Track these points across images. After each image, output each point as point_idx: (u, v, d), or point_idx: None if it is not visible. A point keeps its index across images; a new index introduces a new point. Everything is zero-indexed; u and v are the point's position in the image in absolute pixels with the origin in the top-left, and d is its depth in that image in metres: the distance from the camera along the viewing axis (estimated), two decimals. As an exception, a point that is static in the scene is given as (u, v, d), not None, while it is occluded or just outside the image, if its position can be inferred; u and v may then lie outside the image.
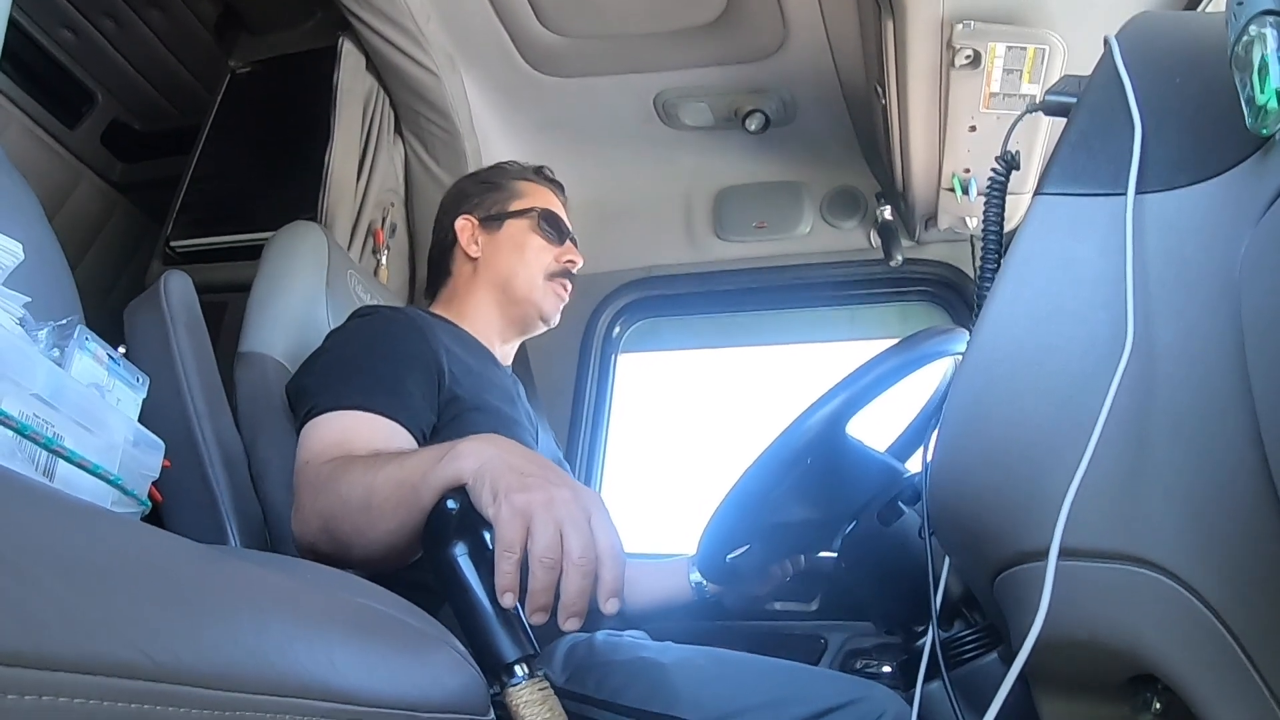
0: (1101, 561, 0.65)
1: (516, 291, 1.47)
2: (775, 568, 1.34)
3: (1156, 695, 0.71)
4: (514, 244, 1.49)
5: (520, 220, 1.51)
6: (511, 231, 1.51)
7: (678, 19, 1.78)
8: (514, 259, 1.48)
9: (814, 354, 2.21)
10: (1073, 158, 0.70)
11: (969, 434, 0.75)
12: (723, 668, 1.14)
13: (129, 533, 0.50)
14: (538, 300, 1.47)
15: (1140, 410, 0.62)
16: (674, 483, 2.19)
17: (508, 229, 1.51)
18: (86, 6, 2.46)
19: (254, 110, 2.15)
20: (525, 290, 1.47)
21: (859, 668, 1.52)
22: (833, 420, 1.01)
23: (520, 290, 1.47)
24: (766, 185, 2.15)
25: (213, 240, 1.98)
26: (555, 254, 1.50)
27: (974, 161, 1.56)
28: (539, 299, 1.47)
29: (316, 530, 0.96)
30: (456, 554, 0.80)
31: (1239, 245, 0.57)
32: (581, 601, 0.76)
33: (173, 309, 1.11)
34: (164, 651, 0.40)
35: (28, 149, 2.53)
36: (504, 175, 1.59)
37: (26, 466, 0.63)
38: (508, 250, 1.49)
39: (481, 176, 1.63)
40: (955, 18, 1.31)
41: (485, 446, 0.85)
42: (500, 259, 1.49)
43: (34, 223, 1.04)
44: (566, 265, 1.50)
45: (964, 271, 1.97)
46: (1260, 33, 0.53)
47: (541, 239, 1.50)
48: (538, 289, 1.47)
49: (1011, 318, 0.71)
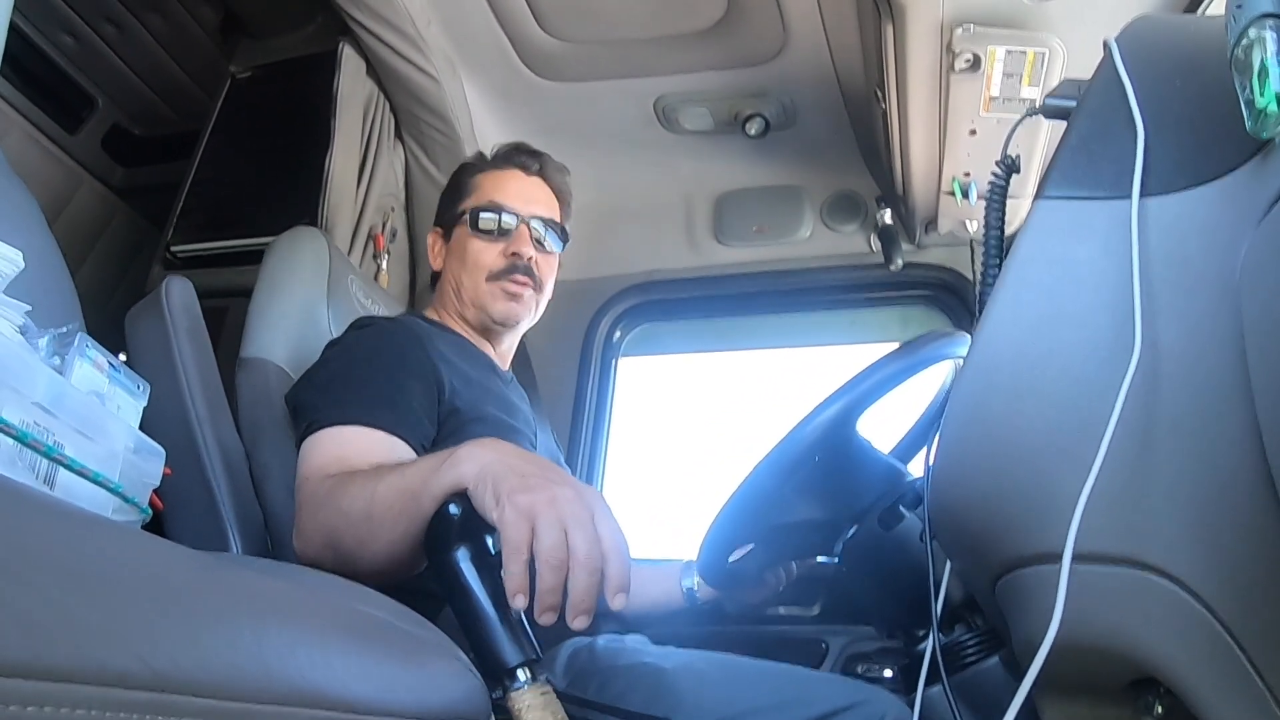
0: (1104, 566, 0.65)
1: (465, 299, 1.43)
2: (771, 575, 1.33)
3: (1158, 698, 0.71)
4: (458, 251, 1.45)
5: (461, 225, 1.47)
6: (457, 237, 1.47)
7: (678, 23, 1.78)
8: (458, 267, 1.44)
9: (814, 358, 2.21)
10: (1073, 161, 0.70)
11: (970, 438, 0.75)
12: (724, 672, 1.14)
13: (129, 541, 0.50)
14: (484, 305, 1.42)
15: (1143, 413, 0.62)
16: (674, 487, 2.18)
17: (455, 236, 1.48)
18: (87, 11, 2.47)
19: (254, 115, 2.15)
20: (470, 296, 1.43)
21: (860, 672, 1.52)
22: (839, 420, 1.01)
23: (467, 297, 1.43)
24: (766, 189, 2.15)
25: (214, 245, 1.98)
26: (499, 250, 1.42)
27: (974, 165, 1.56)
28: (485, 303, 1.42)
29: (320, 546, 0.96)
30: (459, 559, 0.80)
31: (1240, 248, 0.57)
32: (590, 599, 0.75)
33: (174, 314, 1.12)
34: (164, 660, 0.40)
35: (28, 154, 2.54)
36: (463, 174, 1.54)
37: (27, 475, 0.63)
38: (455, 258, 1.46)
39: (450, 181, 1.58)
40: (955, 21, 1.31)
41: (484, 451, 0.85)
42: (450, 268, 1.46)
43: (35, 228, 1.05)
44: (511, 259, 1.41)
45: (964, 275, 1.97)
46: (1260, 36, 0.53)
47: (479, 240, 1.43)
48: (481, 293, 1.42)
49: (1012, 322, 0.71)
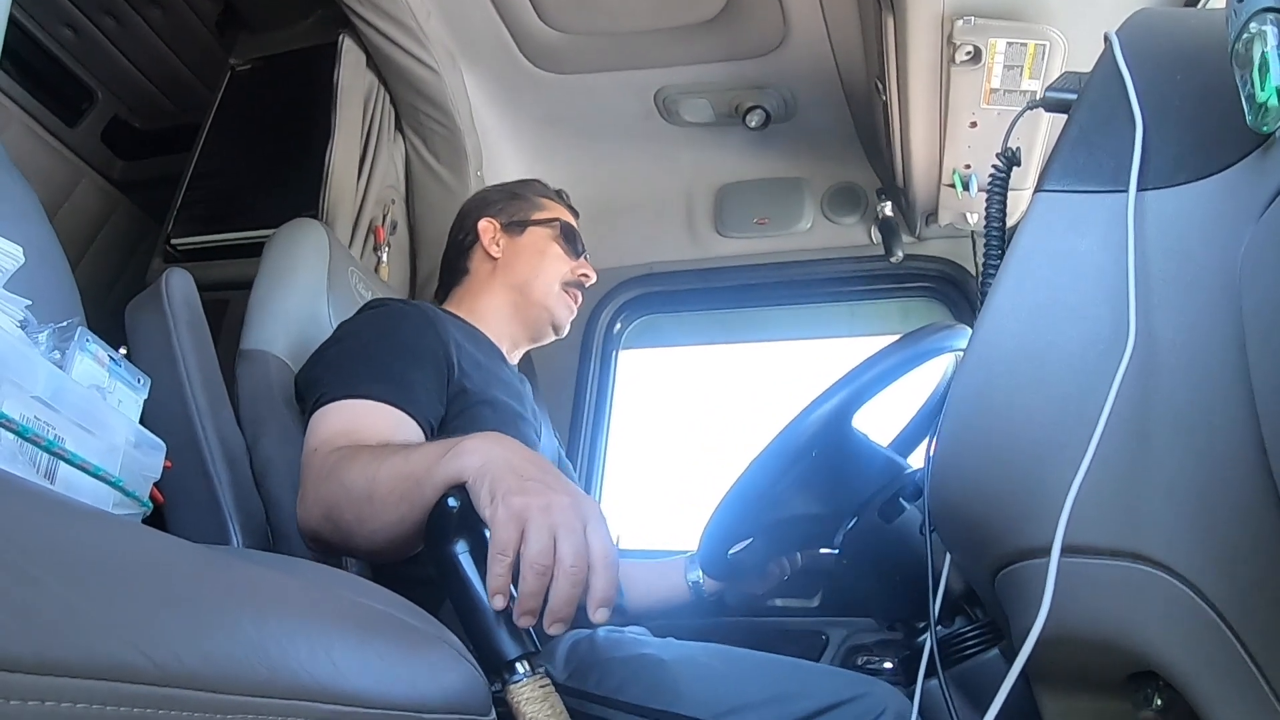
0: (1103, 558, 0.65)
1: (533, 294, 1.51)
2: (774, 566, 1.34)
3: (1157, 691, 0.71)
4: (535, 249, 1.55)
5: (543, 229, 1.57)
6: (533, 238, 1.56)
7: (678, 15, 1.78)
8: (533, 263, 1.53)
9: (815, 350, 2.21)
10: (1073, 154, 0.70)
11: (970, 430, 0.75)
12: (724, 664, 1.14)
13: (130, 535, 0.50)
14: (551, 305, 1.52)
15: (1141, 407, 0.62)
16: (675, 479, 2.19)
17: (529, 235, 1.57)
18: (87, 4, 2.46)
19: (255, 108, 2.15)
20: (541, 294, 1.52)
21: (860, 664, 1.52)
22: (838, 413, 1.01)
23: (536, 294, 1.51)
24: (767, 181, 2.15)
25: (214, 238, 1.98)
26: (571, 266, 1.56)
27: (975, 157, 1.56)
28: (553, 304, 1.52)
29: (319, 517, 0.97)
30: (457, 551, 0.80)
31: (1240, 242, 0.57)
32: (568, 609, 0.76)
33: (174, 307, 1.12)
34: (165, 653, 0.40)
35: (28, 147, 2.53)
36: (528, 189, 1.66)
37: (28, 469, 0.63)
38: (528, 254, 1.55)
39: (507, 186, 1.69)
40: (956, 13, 1.31)
41: (490, 446, 0.85)
42: (520, 262, 1.54)
43: (35, 222, 1.05)
44: (581, 278, 1.56)
45: (964, 267, 1.97)
46: (1261, 30, 0.53)
47: (561, 249, 1.56)
48: (553, 295, 1.52)
49: (1013, 314, 0.71)
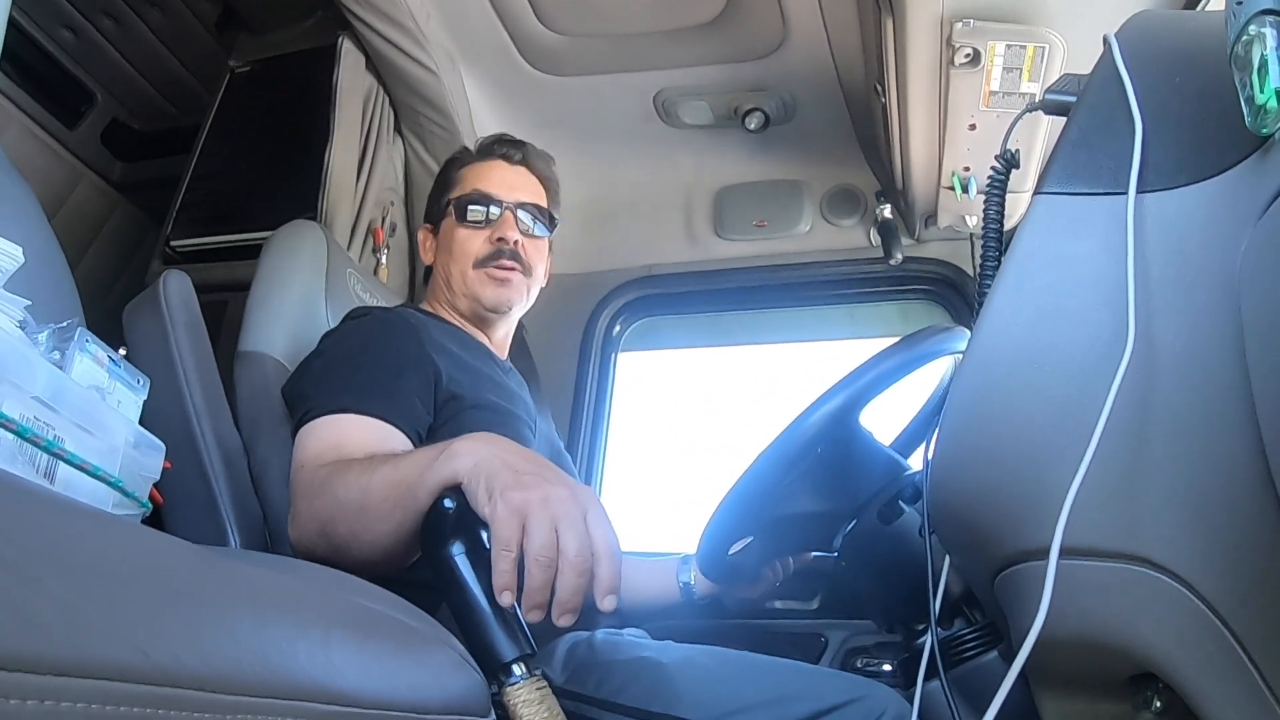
0: (1102, 560, 0.65)
1: (456, 289, 1.46)
2: (768, 570, 1.33)
3: (1157, 693, 0.71)
4: (446, 242, 1.49)
5: (448, 216, 1.50)
6: (444, 229, 1.51)
7: (677, 17, 1.78)
8: (447, 258, 1.47)
9: (814, 352, 2.21)
10: (1073, 156, 0.71)
11: (969, 432, 0.75)
12: (723, 666, 1.14)
13: (129, 535, 0.50)
14: (473, 291, 1.44)
15: (1140, 409, 0.62)
16: (674, 481, 2.19)
17: (443, 228, 1.51)
18: (86, 6, 2.46)
19: (254, 109, 2.15)
20: (460, 286, 1.45)
21: (859, 666, 1.52)
22: (844, 410, 1.01)
23: (458, 286, 1.45)
24: (766, 184, 2.15)
25: (212, 239, 1.97)
26: (485, 237, 1.45)
27: (974, 160, 1.56)
28: (475, 290, 1.44)
29: (314, 534, 0.96)
30: (454, 553, 0.80)
31: (1239, 244, 0.57)
32: (576, 599, 0.76)
33: (172, 308, 1.11)
34: (164, 653, 0.40)
35: (27, 149, 2.53)
36: (449, 169, 1.58)
37: (27, 469, 0.63)
38: (444, 250, 1.49)
39: (437, 177, 1.62)
40: (955, 16, 1.31)
41: (480, 445, 0.84)
42: (440, 260, 1.50)
43: (34, 223, 1.05)
44: (497, 245, 1.44)
45: (964, 270, 1.97)
46: (1260, 32, 0.53)
47: (465, 229, 1.46)
48: (470, 280, 1.44)
49: (1012, 316, 0.71)
